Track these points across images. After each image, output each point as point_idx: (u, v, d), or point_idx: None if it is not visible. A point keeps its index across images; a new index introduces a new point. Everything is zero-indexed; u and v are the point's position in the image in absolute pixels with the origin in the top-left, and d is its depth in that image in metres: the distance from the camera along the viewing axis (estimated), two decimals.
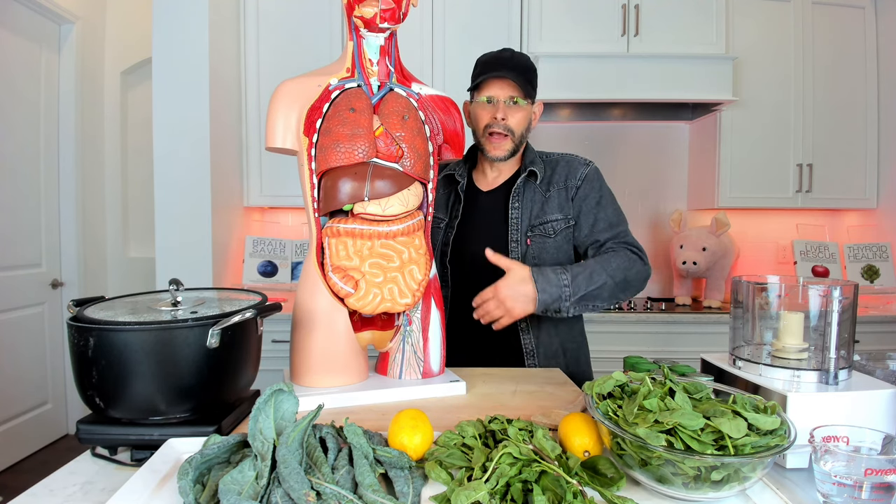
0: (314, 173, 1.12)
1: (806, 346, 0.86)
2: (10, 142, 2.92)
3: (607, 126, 3.22)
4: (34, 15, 3.03)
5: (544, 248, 1.44)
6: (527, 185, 1.47)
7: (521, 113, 1.43)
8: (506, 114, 1.40)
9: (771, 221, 3.23)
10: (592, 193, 1.45)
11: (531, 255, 1.44)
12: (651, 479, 0.70)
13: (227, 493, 0.64)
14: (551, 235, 1.44)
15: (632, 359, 1.02)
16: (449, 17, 2.83)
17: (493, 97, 1.41)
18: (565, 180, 1.47)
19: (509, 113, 1.41)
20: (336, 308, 1.12)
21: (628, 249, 1.40)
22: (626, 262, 1.36)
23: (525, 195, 1.46)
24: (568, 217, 1.45)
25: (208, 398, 0.91)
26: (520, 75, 1.40)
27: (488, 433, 0.83)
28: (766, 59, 2.92)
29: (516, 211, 1.45)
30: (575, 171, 1.47)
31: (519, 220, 1.45)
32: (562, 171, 1.48)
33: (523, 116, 1.43)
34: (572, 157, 1.52)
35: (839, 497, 0.67)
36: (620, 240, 1.42)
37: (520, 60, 1.42)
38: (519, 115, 1.42)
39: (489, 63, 1.43)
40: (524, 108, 1.43)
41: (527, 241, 1.44)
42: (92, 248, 3.47)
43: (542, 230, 1.44)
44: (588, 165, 1.49)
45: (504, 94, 1.40)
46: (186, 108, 2.51)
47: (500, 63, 1.41)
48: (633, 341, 2.69)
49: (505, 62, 1.41)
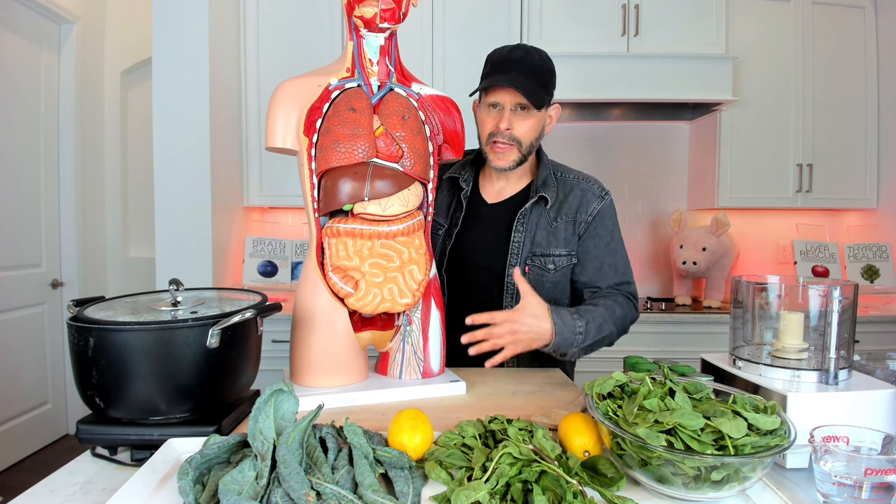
0: (314, 173, 1.12)
1: (806, 346, 0.86)
2: (10, 142, 2.92)
3: (607, 126, 3.22)
4: (34, 15, 3.03)
5: (542, 281, 1.36)
6: (535, 208, 1.37)
7: (531, 121, 1.30)
8: (511, 123, 1.29)
9: (771, 221, 3.23)
10: (603, 234, 1.36)
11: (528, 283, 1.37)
12: (651, 479, 0.70)
13: (227, 493, 0.64)
14: (550, 271, 1.36)
15: (632, 359, 1.02)
16: (449, 17, 2.83)
17: (499, 103, 1.29)
18: (576, 213, 1.37)
19: (516, 121, 1.29)
20: (336, 308, 1.12)
21: (627, 298, 1.35)
22: (627, 312, 1.33)
23: (531, 219, 1.37)
24: (572, 254, 1.36)
25: (208, 398, 0.91)
26: (531, 79, 1.26)
27: (488, 433, 0.83)
28: (766, 58, 2.92)
29: (520, 234, 1.36)
30: (588, 204, 1.37)
31: (521, 245, 1.36)
32: (574, 201, 1.37)
33: (533, 125, 1.31)
34: (588, 184, 1.40)
35: (839, 497, 0.67)
36: (623, 291, 1.37)
37: (533, 61, 1.28)
38: (528, 124, 1.30)
39: (497, 64, 1.30)
40: (534, 116, 1.30)
41: (525, 268, 1.36)
42: (92, 248, 3.47)
43: (542, 262, 1.36)
44: (603, 199, 1.38)
45: (511, 100, 1.28)
46: (186, 108, 2.51)
47: (509, 64, 1.27)
48: (633, 341, 2.66)
49: (515, 63, 1.27)
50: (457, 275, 1.43)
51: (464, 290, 1.42)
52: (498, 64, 1.30)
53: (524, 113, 1.30)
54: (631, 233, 3.26)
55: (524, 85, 1.25)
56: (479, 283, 1.41)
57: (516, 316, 1.17)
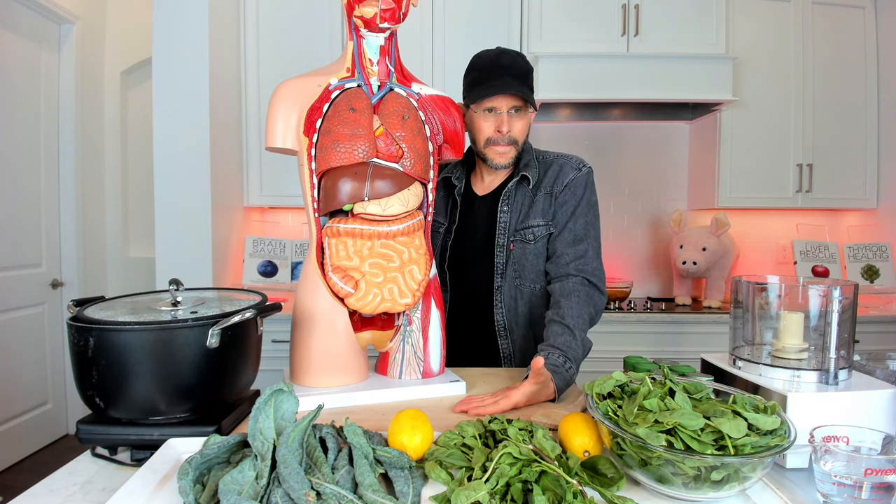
0: (314, 173, 1.12)
1: (806, 346, 0.86)
2: (10, 142, 2.92)
3: (607, 126, 3.22)
4: (34, 15, 3.03)
5: (524, 253, 1.40)
6: (518, 189, 1.43)
7: (524, 121, 1.38)
8: (510, 126, 1.35)
9: (771, 221, 3.23)
10: (571, 201, 1.39)
11: (513, 260, 1.40)
12: (651, 479, 0.70)
13: (227, 493, 0.64)
14: (531, 241, 1.39)
15: (632, 359, 1.02)
16: (449, 17, 2.83)
17: (496, 108, 1.34)
18: (552, 184, 1.41)
19: (513, 123, 1.36)
20: (336, 308, 1.12)
21: (585, 281, 1.34)
22: (589, 305, 1.31)
23: (515, 199, 1.43)
24: (549, 223, 1.40)
25: (208, 398, 0.91)
26: (523, 83, 1.33)
27: (488, 433, 0.83)
28: (766, 59, 2.92)
29: (504, 215, 1.42)
30: (564, 176, 1.41)
31: (507, 224, 1.41)
32: (551, 175, 1.42)
33: (525, 124, 1.39)
34: (567, 159, 1.45)
35: (839, 497, 0.67)
36: (580, 270, 1.34)
37: (519, 65, 1.35)
38: (521, 124, 1.38)
39: (489, 71, 1.34)
40: (526, 116, 1.38)
41: (510, 245, 1.41)
42: (92, 248, 3.47)
43: (523, 235, 1.40)
44: (579, 171, 1.42)
45: (507, 104, 1.34)
46: (186, 108, 2.51)
47: (501, 69, 1.33)
48: (633, 341, 2.69)
49: (506, 69, 1.33)
50: (458, 269, 1.47)
51: (466, 283, 1.46)
52: (489, 70, 1.34)
53: (518, 114, 1.36)
54: (631, 233, 3.26)
55: (520, 88, 1.32)
56: (478, 273, 1.45)
57: (527, 392, 1.07)
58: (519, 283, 1.41)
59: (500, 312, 1.42)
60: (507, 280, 1.41)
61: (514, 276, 1.41)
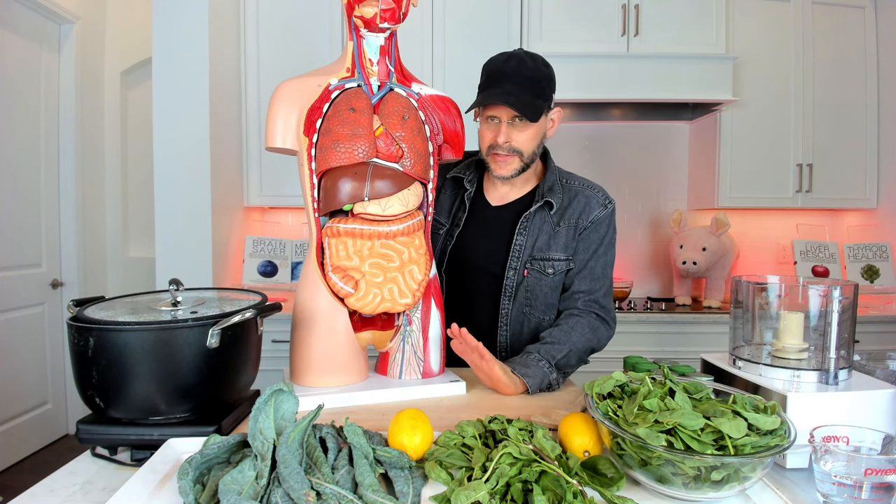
0: (314, 173, 1.12)
1: (806, 346, 0.86)
2: (10, 142, 2.91)
3: (607, 126, 3.22)
4: (34, 15, 3.03)
5: (540, 285, 1.36)
6: (539, 213, 1.37)
7: (529, 131, 1.29)
8: (509, 136, 1.29)
9: (771, 221, 3.23)
10: (594, 239, 1.37)
11: (526, 287, 1.36)
12: (651, 479, 0.70)
13: (227, 493, 0.64)
14: (549, 275, 1.36)
15: (632, 359, 1.02)
16: (449, 17, 2.83)
17: (496, 116, 1.29)
18: (577, 218, 1.37)
19: (514, 133, 1.29)
20: (336, 308, 1.12)
21: (594, 315, 1.34)
22: (592, 336, 1.32)
23: (534, 223, 1.37)
24: (570, 259, 1.37)
25: (208, 398, 0.91)
26: (526, 91, 1.25)
27: (488, 433, 0.83)
28: (766, 58, 2.92)
29: (522, 238, 1.36)
30: (589, 211, 1.37)
31: (522, 248, 1.36)
32: (577, 207, 1.37)
33: (532, 134, 1.30)
34: (593, 191, 1.40)
35: (839, 497, 0.67)
36: (589, 306, 1.35)
37: (527, 70, 1.26)
38: (526, 134, 1.29)
39: (492, 76, 1.29)
40: (533, 126, 1.29)
41: (524, 271, 1.36)
42: (92, 248, 3.47)
43: (542, 266, 1.35)
44: (606, 208, 1.39)
45: (507, 113, 1.27)
46: (186, 108, 2.51)
47: (504, 76, 1.26)
48: (633, 341, 2.69)
49: (509, 75, 1.26)
50: (456, 275, 1.43)
51: (463, 291, 1.43)
52: (492, 76, 1.29)
53: (521, 124, 1.29)
54: (631, 233, 3.26)
55: (519, 99, 1.24)
56: (478, 285, 1.42)
57: (495, 369, 1.16)
58: (529, 311, 1.37)
59: (505, 335, 1.39)
60: (515, 305, 1.37)
61: (524, 303, 1.37)
